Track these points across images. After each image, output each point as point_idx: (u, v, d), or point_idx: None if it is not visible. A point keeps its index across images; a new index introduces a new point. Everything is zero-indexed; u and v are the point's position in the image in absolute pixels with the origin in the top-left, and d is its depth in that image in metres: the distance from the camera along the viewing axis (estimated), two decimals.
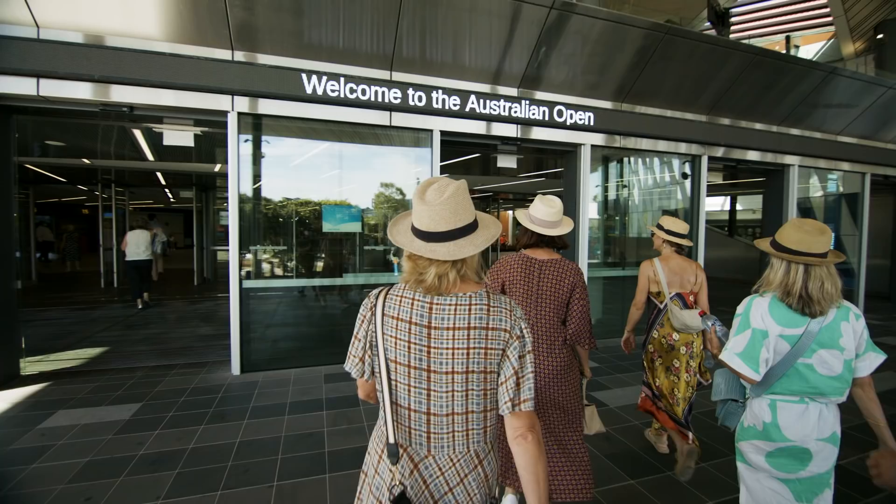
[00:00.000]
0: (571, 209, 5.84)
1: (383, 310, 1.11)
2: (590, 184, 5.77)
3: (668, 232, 2.75)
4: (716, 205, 16.33)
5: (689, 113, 6.20)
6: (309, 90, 4.29)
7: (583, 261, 5.70)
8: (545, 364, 2.02)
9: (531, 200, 2.16)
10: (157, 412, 3.47)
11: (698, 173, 6.36)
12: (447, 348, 1.05)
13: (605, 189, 6.62)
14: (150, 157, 7.00)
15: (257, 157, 4.59)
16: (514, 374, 1.06)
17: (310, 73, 4.28)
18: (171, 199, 16.52)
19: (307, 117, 4.46)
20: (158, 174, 9.61)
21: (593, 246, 6.34)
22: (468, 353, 1.05)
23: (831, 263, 1.50)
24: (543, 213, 2.01)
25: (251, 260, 4.67)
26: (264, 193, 4.74)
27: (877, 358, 1.53)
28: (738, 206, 14.52)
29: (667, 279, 2.68)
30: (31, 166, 8.53)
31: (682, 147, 6.14)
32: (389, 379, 1.10)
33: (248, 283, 4.46)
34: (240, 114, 4.25)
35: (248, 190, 4.50)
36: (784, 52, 12.14)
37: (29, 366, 4.49)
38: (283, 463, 2.75)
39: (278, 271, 4.96)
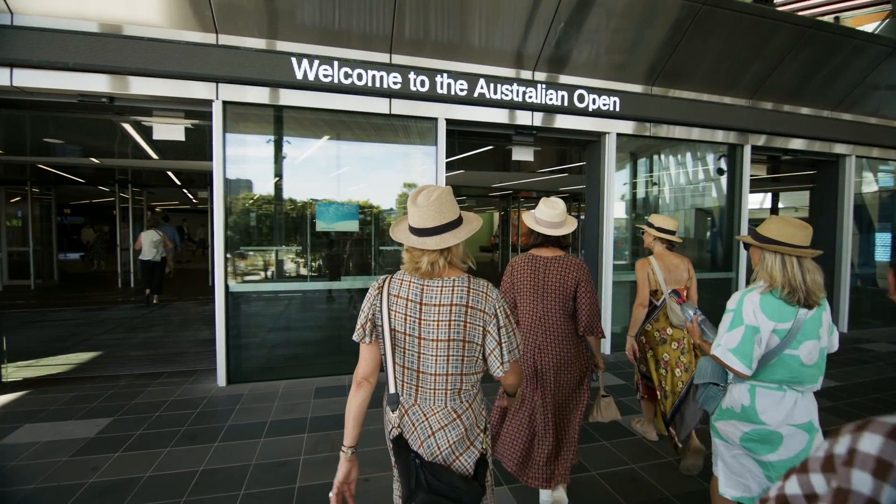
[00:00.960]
0: (595, 205, 5.28)
1: (388, 289, 1.34)
2: (615, 178, 5.18)
3: (659, 229, 2.80)
4: (754, 202, 15.24)
5: (729, 97, 5.53)
6: (299, 76, 3.91)
7: (608, 262, 5.12)
8: (553, 355, 2.10)
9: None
10: (126, 429, 3.15)
11: (740, 165, 5.68)
12: (433, 320, 1.28)
13: (634, 185, 5.99)
14: (152, 154, 6.80)
15: (244, 150, 4.25)
16: (498, 345, 1.29)
17: (300, 56, 3.89)
18: (195, 200, 16.64)
19: (298, 106, 4.08)
20: (170, 174, 9.50)
21: (620, 246, 5.73)
22: (450, 325, 1.27)
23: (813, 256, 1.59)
24: (547, 214, 2.11)
25: (239, 262, 4.35)
26: (253, 190, 4.40)
27: (835, 332, 1.67)
28: (780, 204, 13.47)
29: (663, 276, 2.72)
30: (45, 166, 8.54)
31: (720, 135, 5.48)
32: (392, 344, 1.32)
33: (235, 288, 4.13)
34: (225, 103, 3.90)
35: (235, 186, 4.16)
36: None
37: (14, 371, 4.30)
38: (244, 501, 2.35)
39: (269, 274, 4.59)
